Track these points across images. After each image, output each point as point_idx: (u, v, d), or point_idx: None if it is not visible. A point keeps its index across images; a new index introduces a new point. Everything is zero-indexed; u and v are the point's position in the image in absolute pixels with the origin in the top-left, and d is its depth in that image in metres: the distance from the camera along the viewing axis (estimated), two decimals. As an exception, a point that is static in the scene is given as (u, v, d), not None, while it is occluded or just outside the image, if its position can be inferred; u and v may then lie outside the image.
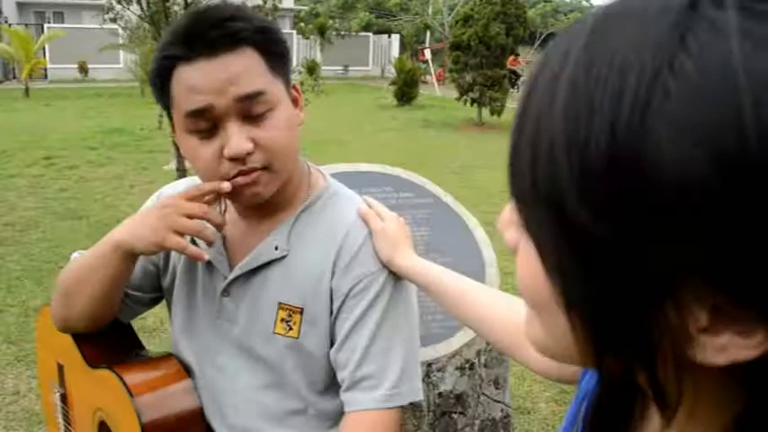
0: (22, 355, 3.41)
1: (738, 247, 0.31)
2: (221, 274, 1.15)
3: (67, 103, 16.17)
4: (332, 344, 1.11)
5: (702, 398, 0.39)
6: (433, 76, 22.43)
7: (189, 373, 1.23)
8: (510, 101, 13.83)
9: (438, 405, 1.41)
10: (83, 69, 23.01)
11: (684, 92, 0.31)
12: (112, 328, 1.26)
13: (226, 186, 1.01)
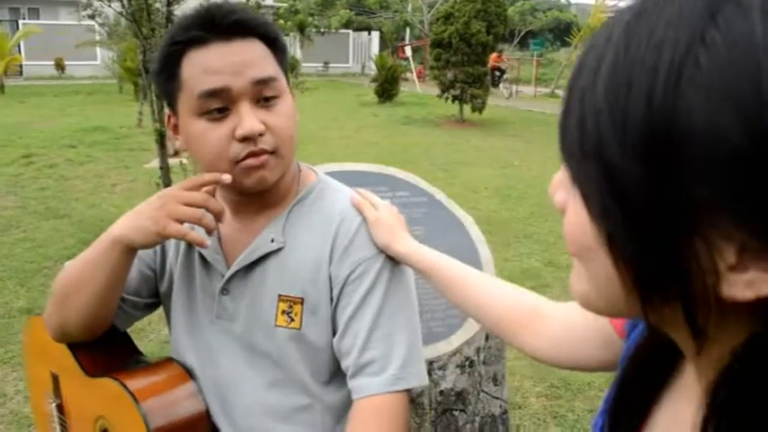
0: (7, 358, 3.37)
1: (762, 193, 0.36)
2: (219, 272, 1.16)
3: (44, 100, 15.97)
4: (334, 333, 1.11)
5: (722, 328, 0.43)
6: (413, 74, 22.47)
7: (192, 375, 1.22)
8: (492, 98, 13.90)
9: (439, 403, 1.42)
10: (59, 66, 22.75)
11: (714, 62, 0.36)
12: (108, 337, 1.24)
13: (226, 177, 1.02)
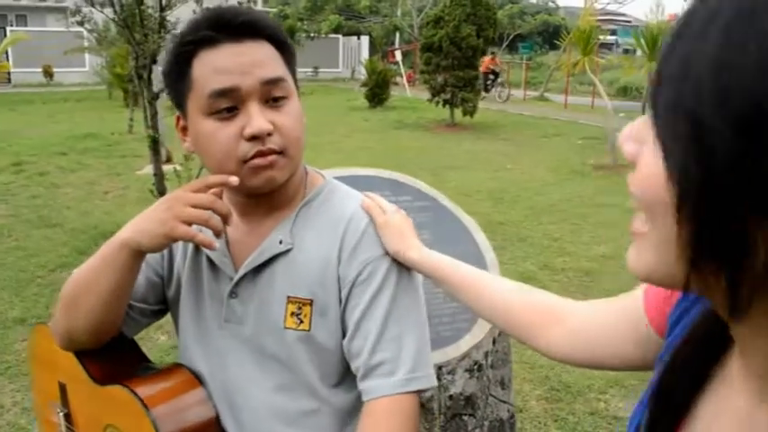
0: (2, 369, 3.35)
1: None
2: (227, 276, 1.15)
3: (33, 107, 15.89)
4: (343, 334, 1.11)
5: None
6: (403, 78, 22.50)
7: (201, 380, 1.21)
8: (486, 102, 13.94)
9: (449, 407, 1.42)
10: (48, 73, 22.63)
11: None
12: (115, 344, 1.23)
13: (233, 180, 1.02)
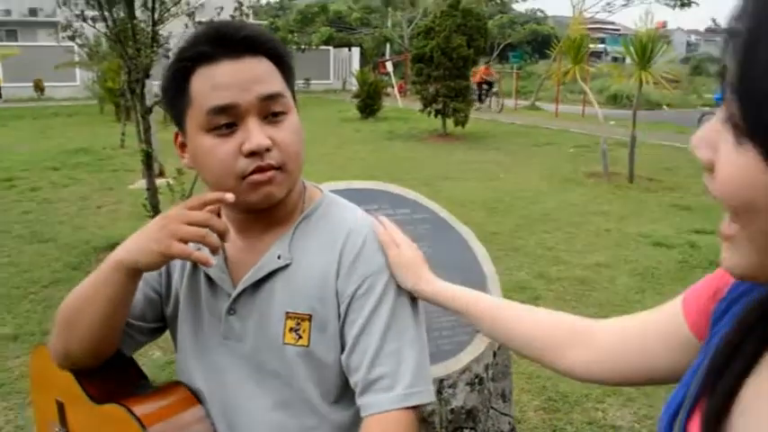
0: (-4, 386, 3.32)
1: None
2: (225, 292, 1.15)
3: (24, 122, 15.84)
4: (342, 349, 1.10)
5: None
6: (395, 89, 22.55)
7: (200, 398, 1.21)
8: (480, 112, 13.97)
9: (450, 421, 1.41)
10: (39, 88, 22.57)
11: None
12: (113, 362, 1.22)
13: (229, 197, 1.02)
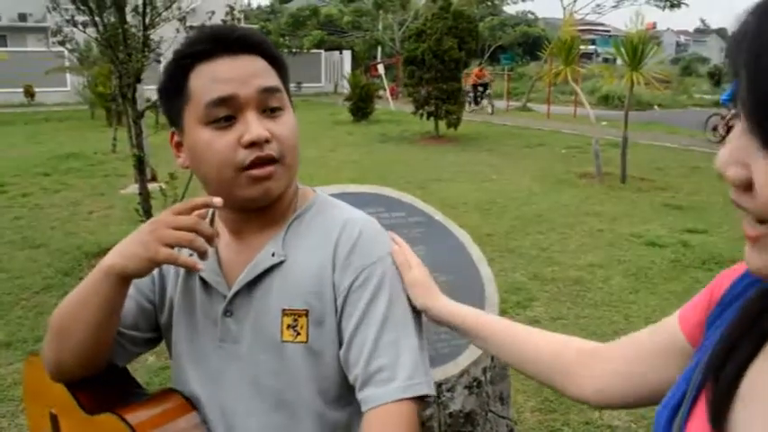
0: (-12, 393, 3.29)
1: None
2: (220, 294, 1.14)
3: (15, 128, 15.76)
4: (340, 344, 1.09)
5: None
6: (387, 91, 22.56)
7: (198, 404, 1.19)
8: (474, 114, 14.00)
9: (449, 425, 1.41)
10: (29, 93, 22.46)
11: None
12: (107, 373, 1.21)
13: (218, 201, 1.03)
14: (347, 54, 31.21)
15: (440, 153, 11.91)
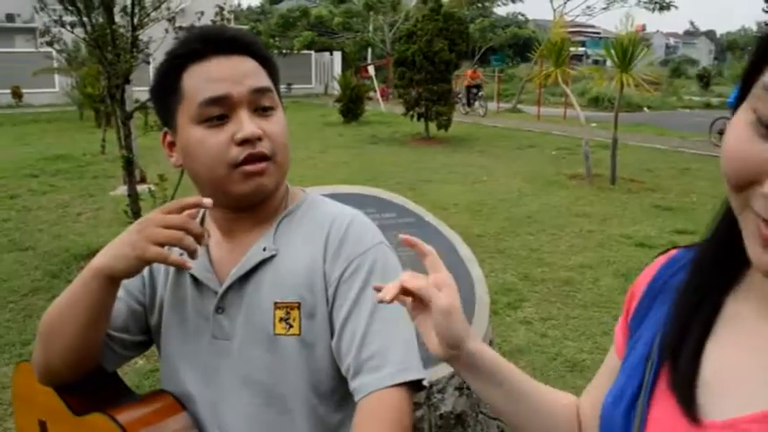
0: (-25, 397, 3.26)
1: None
2: (212, 291, 1.14)
3: (3, 129, 15.66)
4: (332, 335, 1.10)
5: None
6: (377, 93, 22.57)
7: (191, 402, 1.18)
8: (461, 115, 14.00)
9: (440, 427, 1.40)
10: (17, 94, 22.32)
11: None
12: (96, 378, 1.20)
13: (207, 201, 1.03)
14: (337, 55, 31.21)
15: (430, 154, 11.92)
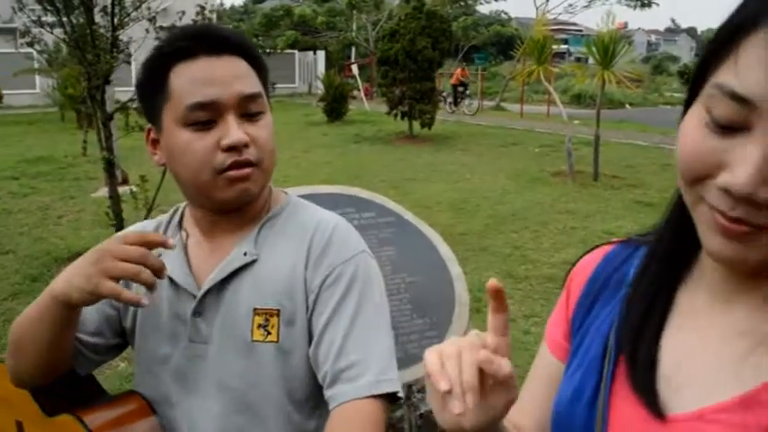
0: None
1: None
2: (190, 294, 1.12)
3: (-18, 131, 15.45)
4: (310, 342, 1.09)
5: None
6: (361, 92, 22.55)
7: (163, 404, 1.17)
8: (444, 114, 14.00)
9: (420, 427, 1.40)
10: (-3, 96, 22.04)
11: None
12: (71, 380, 1.20)
13: (171, 243, 1.02)
14: (321, 54, 31.13)
15: (414, 153, 11.93)
